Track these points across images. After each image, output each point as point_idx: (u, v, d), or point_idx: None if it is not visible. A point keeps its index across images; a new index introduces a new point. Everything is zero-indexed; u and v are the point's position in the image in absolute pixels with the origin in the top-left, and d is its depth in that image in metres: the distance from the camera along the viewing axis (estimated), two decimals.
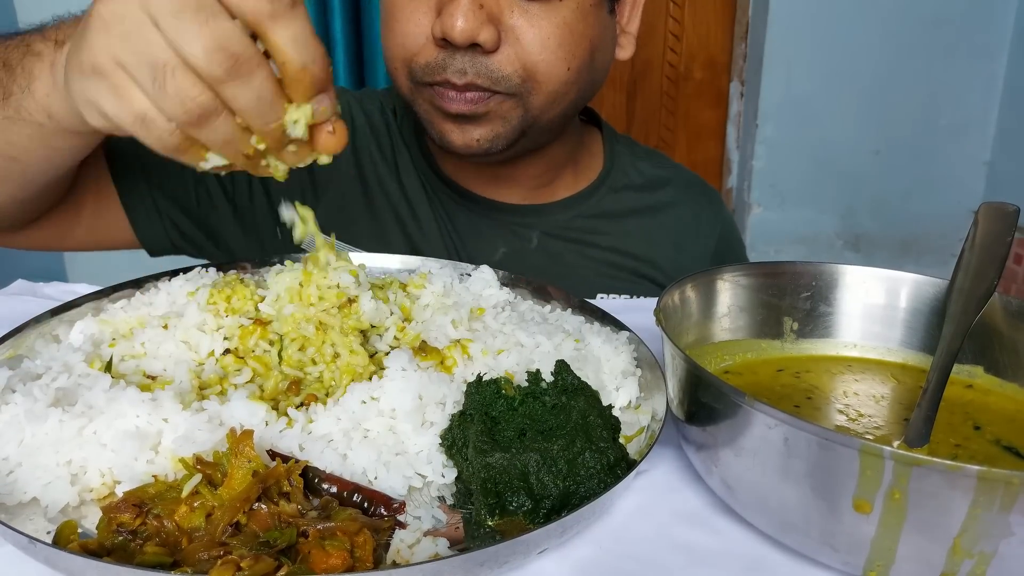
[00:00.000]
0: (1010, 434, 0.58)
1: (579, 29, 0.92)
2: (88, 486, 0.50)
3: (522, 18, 0.89)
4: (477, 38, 0.85)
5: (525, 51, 0.89)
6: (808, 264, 0.71)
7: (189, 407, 0.54)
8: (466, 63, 0.88)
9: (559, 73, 0.92)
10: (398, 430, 0.55)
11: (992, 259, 0.64)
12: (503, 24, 0.88)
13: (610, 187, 1.15)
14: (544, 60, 0.90)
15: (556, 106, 0.96)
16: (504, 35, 0.88)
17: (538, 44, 0.89)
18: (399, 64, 0.93)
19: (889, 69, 2.92)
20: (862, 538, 0.45)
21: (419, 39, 0.90)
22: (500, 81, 0.89)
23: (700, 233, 1.18)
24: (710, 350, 0.68)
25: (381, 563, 0.46)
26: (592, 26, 0.94)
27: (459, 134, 0.93)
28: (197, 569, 0.43)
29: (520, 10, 0.89)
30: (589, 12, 0.93)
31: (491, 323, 0.67)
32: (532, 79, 0.91)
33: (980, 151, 3.05)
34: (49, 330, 0.67)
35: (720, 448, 0.51)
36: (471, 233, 1.08)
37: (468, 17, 0.84)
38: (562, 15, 0.90)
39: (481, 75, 0.88)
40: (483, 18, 0.85)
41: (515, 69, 0.89)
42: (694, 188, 1.22)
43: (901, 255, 3.12)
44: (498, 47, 0.88)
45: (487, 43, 0.86)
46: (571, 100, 0.97)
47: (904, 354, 0.70)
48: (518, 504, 0.51)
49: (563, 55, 0.91)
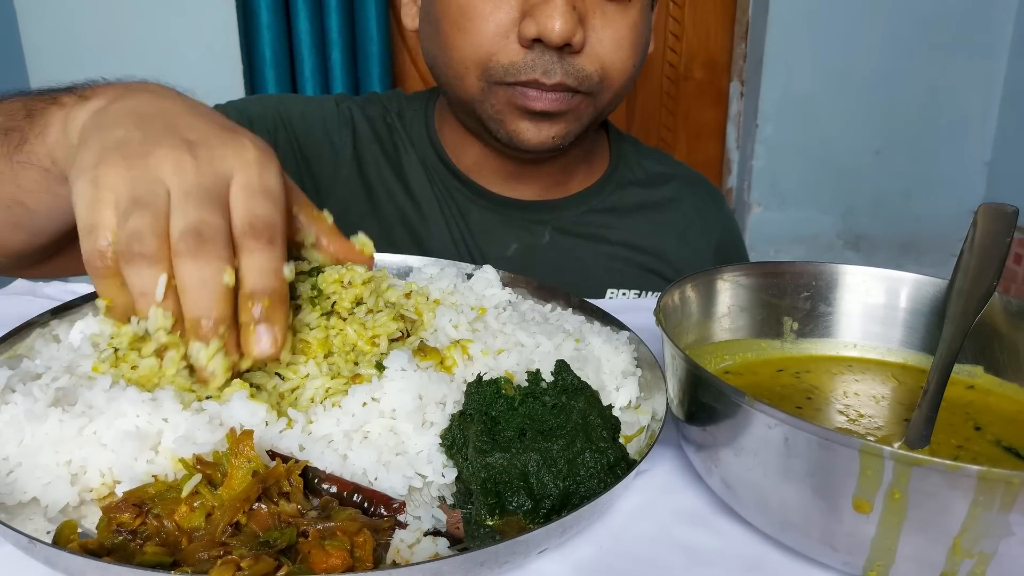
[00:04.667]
0: (1010, 435, 0.58)
1: (641, 28, 0.98)
2: (88, 486, 0.50)
3: (602, 19, 0.93)
4: (573, 39, 0.89)
5: (605, 50, 0.94)
6: (808, 264, 0.71)
7: (189, 407, 0.53)
8: (556, 63, 0.91)
9: (627, 70, 0.97)
10: (398, 430, 0.55)
11: (992, 259, 0.64)
12: (587, 25, 0.92)
13: (617, 183, 1.17)
14: (619, 59, 0.95)
15: (617, 102, 1.02)
16: (587, 36, 0.92)
17: (614, 44, 0.94)
18: (472, 64, 0.94)
19: (889, 69, 2.92)
20: (862, 538, 0.45)
21: (499, 39, 0.92)
22: (584, 81, 0.93)
23: (704, 229, 1.20)
24: (710, 350, 0.68)
25: (381, 563, 0.46)
26: (648, 25, 1.01)
27: (535, 132, 0.96)
28: (197, 569, 0.43)
29: (600, 11, 0.93)
30: (646, 12, 1.00)
31: (492, 323, 0.67)
32: (607, 78, 0.95)
33: (980, 151, 3.05)
34: (49, 330, 0.67)
35: (720, 448, 0.51)
36: (483, 230, 1.09)
37: (567, 19, 0.87)
38: (632, 15, 0.96)
39: (569, 75, 0.92)
40: (576, 19, 0.89)
41: (596, 68, 0.94)
42: (697, 185, 1.25)
43: (901, 255, 3.13)
44: (583, 49, 0.92)
45: (579, 44, 0.90)
46: (624, 95, 1.03)
47: (904, 354, 0.70)
48: (518, 504, 0.51)
49: (631, 53, 0.97)
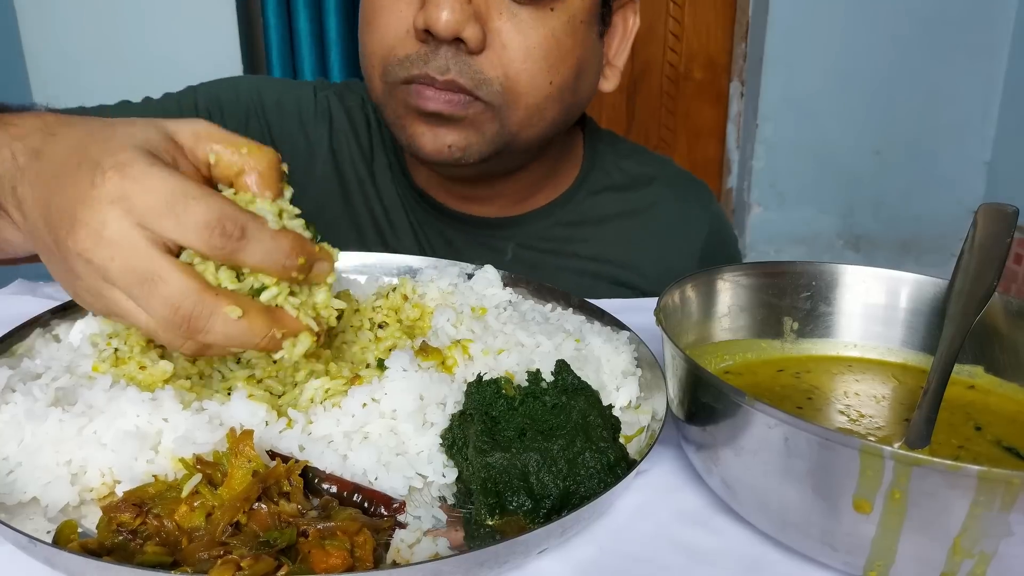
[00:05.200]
0: (1011, 435, 0.58)
1: (567, 44, 0.88)
2: (88, 486, 0.50)
3: (510, 22, 0.84)
4: (462, 33, 0.81)
5: (510, 57, 0.85)
6: (808, 264, 0.71)
7: (189, 407, 0.54)
8: (449, 59, 0.83)
9: (541, 86, 0.87)
10: (399, 430, 0.55)
11: (992, 260, 0.64)
12: (490, 26, 0.84)
13: (589, 190, 1.10)
14: (527, 70, 0.86)
15: (535, 124, 0.91)
16: (490, 37, 0.84)
17: (523, 52, 0.85)
18: (377, 62, 0.89)
19: (889, 69, 2.92)
20: (862, 538, 0.45)
21: (399, 32, 0.85)
22: (482, 85, 0.85)
23: (688, 232, 1.14)
24: (710, 350, 0.68)
25: (381, 563, 0.46)
26: (581, 44, 0.90)
27: (431, 137, 0.88)
28: (197, 569, 0.43)
29: (509, 14, 0.84)
30: (579, 29, 0.89)
31: (492, 323, 0.67)
32: (513, 90, 0.86)
33: (980, 151, 3.06)
34: (49, 330, 0.67)
35: (720, 448, 0.51)
36: (443, 245, 1.05)
37: (455, 8, 0.80)
38: (551, 26, 0.86)
39: (464, 74, 0.84)
40: (469, 13, 0.81)
41: (497, 75, 0.85)
42: (681, 185, 1.17)
43: (901, 255, 3.13)
44: (483, 48, 0.84)
45: (471, 40, 0.82)
46: (550, 119, 0.92)
47: (905, 354, 0.70)
48: (518, 504, 0.51)
49: (547, 67, 0.87)
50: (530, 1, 0.84)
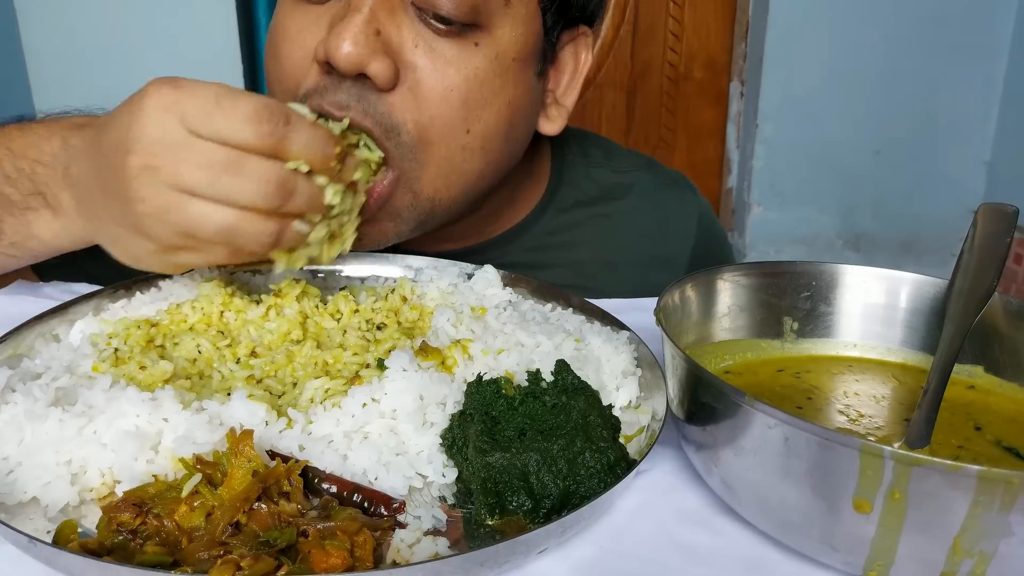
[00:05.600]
0: (1011, 435, 0.58)
1: (493, 85, 0.75)
2: (88, 486, 0.50)
3: (426, 57, 0.72)
4: (366, 68, 0.70)
5: (423, 97, 0.73)
6: (808, 264, 0.71)
7: (189, 407, 0.54)
8: (351, 95, 0.71)
9: (456, 135, 0.75)
10: (399, 430, 0.55)
11: (991, 260, 0.64)
12: (403, 60, 0.72)
13: (558, 208, 0.99)
14: (441, 115, 0.73)
15: (453, 182, 0.78)
16: (403, 74, 0.72)
17: (439, 92, 0.73)
18: (282, 97, 0.76)
19: (889, 69, 2.92)
20: (862, 538, 0.45)
21: (304, 62, 0.74)
22: (390, 132, 0.73)
23: (670, 241, 1.04)
24: (710, 350, 0.68)
25: (381, 563, 0.46)
26: (512, 85, 0.78)
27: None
28: (197, 569, 0.43)
29: (425, 47, 0.72)
30: (510, 68, 0.77)
31: (492, 323, 0.67)
32: (424, 138, 0.74)
33: (980, 151, 3.06)
34: (49, 330, 0.67)
35: (720, 448, 0.51)
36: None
37: (358, 40, 0.68)
38: (474, 64, 0.74)
39: (368, 114, 0.71)
40: (377, 47, 0.70)
41: (407, 119, 0.73)
42: (659, 193, 1.06)
43: (901, 255, 3.13)
44: (393, 87, 0.72)
45: (378, 77, 0.70)
46: (474, 174, 0.79)
47: (904, 354, 0.70)
48: (518, 504, 0.51)
49: (464, 113, 0.75)
50: (450, 33, 0.73)
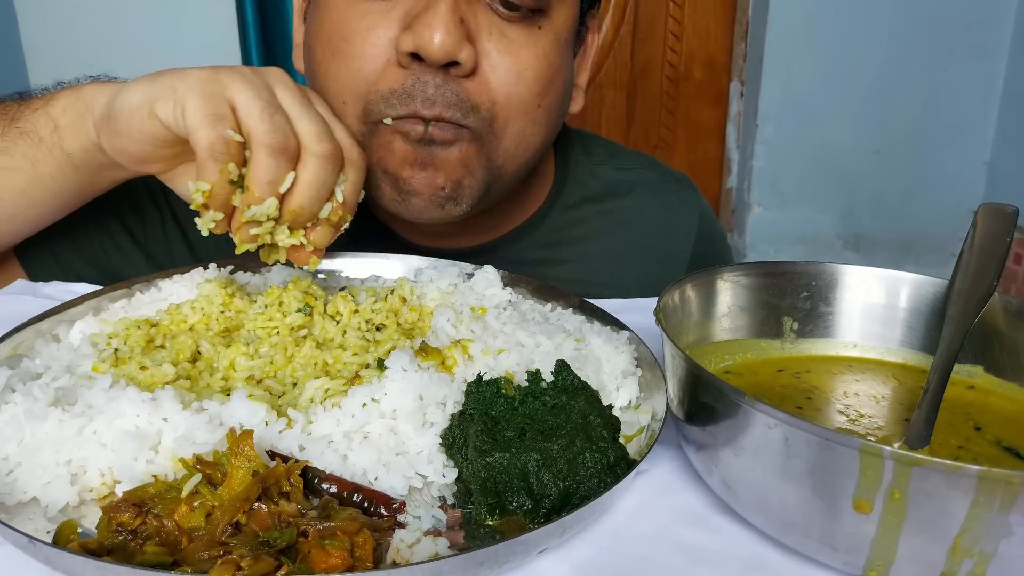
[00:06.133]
0: (1010, 435, 0.58)
1: (555, 64, 0.82)
2: (88, 486, 0.50)
3: (500, 43, 0.78)
4: (457, 56, 0.73)
5: (499, 80, 0.78)
6: (808, 264, 0.71)
7: (189, 407, 0.54)
8: (437, 90, 0.75)
9: (530, 110, 0.81)
10: (399, 430, 0.55)
11: (991, 260, 0.64)
12: (479, 46, 0.77)
13: (564, 205, 1.03)
14: (518, 93, 0.79)
15: (520, 154, 0.84)
16: (481, 59, 0.77)
17: (514, 73, 0.78)
18: (350, 97, 0.78)
19: (889, 69, 2.92)
20: (862, 538, 0.45)
21: (379, 62, 0.76)
22: (469, 112, 0.77)
23: (673, 238, 1.07)
24: (710, 350, 0.68)
25: (381, 563, 0.46)
26: (565, 64, 0.85)
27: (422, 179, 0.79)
28: (197, 569, 0.43)
29: (499, 33, 0.78)
30: (564, 49, 0.83)
31: (492, 323, 0.67)
32: (501, 116, 0.79)
33: (980, 151, 3.06)
34: (49, 330, 0.67)
35: (720, 448, 0.51)
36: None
37: (450, 29, 0.72)
38: (541, 45, 0.80)
39: (452, 105, 0.76)
40: (463, 34, 0.74)
41: (484, 100, 0.78)
42: (662, 191, 1.09)
43: (901, 255, 3.13)
44: (474, 72, 0.77)
45: (467, 63, 0.75)
46: (535, 147, 0.85)
47: (904, 354, 0.70)
48: (518, 504, 0.51)
49: (538, 89, 0.81)
50: (519, 19, 0.78)
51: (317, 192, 0.67)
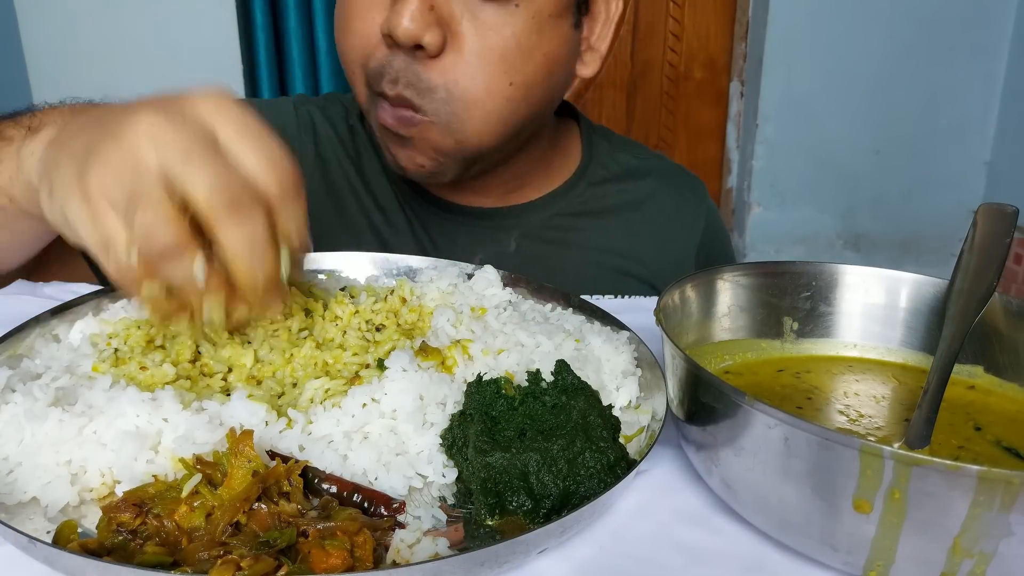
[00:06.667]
0: (1011, 435, 0.58)
1: (531, 41, 0.85)
2: (88, 486, 0.50)
3: (471, 24, 0.82)
4: (421, 39, 0.79)
5: (464, 62, 0.82)
6: (808, 264, 0.71)
7: (189, 407, 0.54)
8: (401, 69, 0.82)
9: (500, 89, 0.85)
10: (399, 431, 0.55)
11: (991, 260, 0.64)
12: (451, 30, 0.82)
13: (589, 181, 1.10)
14: (484, 73, 0.83)
15: (498, 130, 0.88)
16: (450, 42, 0.82)
17: (478, 55, 0.82)
18: (356, 68, 0.87)
19: (889, 69, 2.92)
20: (862, 538, 0.45)
21: (373, 38, 0.84)
22: (425, 94, 0.83)
23: (684, 224, 1.14)
24: (710, 350, 0.68)
25: (381, 563, 0.46)
26: (549, 39, 0.87)
27: (405, 156, 0.88)
28: (197, 569, 0.43)
29: (470, 15, 0.82)
30: (546, 24, 0.85)
31: (492, 323, 0.67)
32: (465, 97, 0.83)
33: (980, 151, 3.06)
34: (49, 330, 0.67)
35: (720, 448, 0.51)
36: (446, 241, 1.04)
37: (415, 16, 0.78)
38: (514, 24, 0.83)
39: (410, 86, 0.82)
40: (431, 20, 0.79)
41: (444, 82, 0.82)
42: (676, 178, 1.18)
43: (901, 255, 3.13)
44: (440, 53, 0.82)
45: (430, 46, 0.80)
46: (518, 120, 0.90)
47: (904, 354, 0.70)
48: (518, 504, 0.51)
49: (504, 68, 0.84)
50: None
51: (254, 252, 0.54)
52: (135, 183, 0.49)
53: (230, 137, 0.52)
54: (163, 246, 0.50)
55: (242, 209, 0.51)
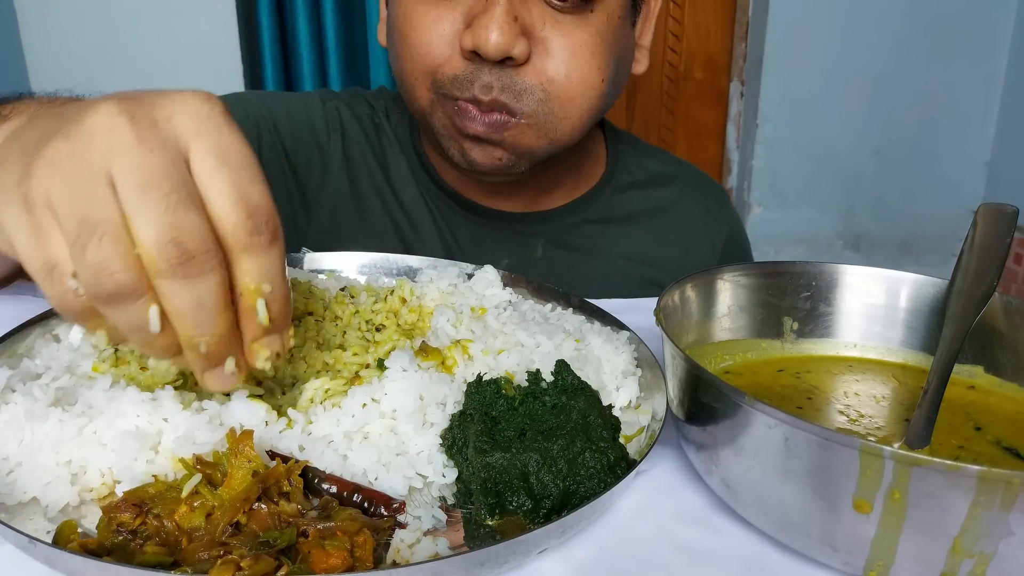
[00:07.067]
0: (1011, 435, 0.58)
1: (610, 39, 0.89)
2: (88, 486, 0.50)
3: (554, 30, 0.85)
4: (511, 52, 0.82)
5: (555, 63, 0.86)
6: (808, 264, 0.71)
7: (189, 407, 0.54)
8: (493, 78, 0.84)
9: (594, 84, 0.89)
10: (399, 431, 0.55)
11: (991, 260, 0.64)
12: (534, 36, 0.85)
13: (615, 188, 1.11)
14: (578, 69, 0.87)
15: (589, 122, 0.92)
16: (534, 47, 0.85)
17: (569, 52, 0.86)
18: (420, 75, 0.89)
19: (889, 69, 2.92)
20: (862, 538, 0.45)
21: (444, 49, 0.86)
22: (523, 95, 0.85)
23: (709, 231, 1.15)
24: (710, 350, 0.68)
25: (381, 563, 0.46)
26: (620, 38, 0.92)
27: (480, 151, 0.89)
28: (197, 569, 0.43)
29: (552, 22, 0.85)
30: (618, 24, 0.90)
31: (492, 323, 0.67)
32: (563, 94, 0.87)
33: (980, 151, 3.05)
34: (49, 330, 0.67)
35: (720, 448, 0.51)
36: (473, 244, 1.05)
37: (504, 30, 0.80)
38: (594, 25, 0.87)
39: (507, 90, 0.85)
40: (517, 31, 0.82)
41: (540, 81, 0.86)
42: (701, 185, 1.19)
43: (901, 255, 3.13)
44: (528, 60, 0.85)
45: (520, 56, 0.83)
46: (600, 113, 0.94)
47: (904, 354, 0.70)
48: (518, 504, 0.51)
49: (596, 64, 0.88)
50: (571, 8, 0.85)
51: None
52: (89, 204, 0.42)
53: (204, 166, 0.44)
54: (116, 289, 0.43)
55: (193, 266, 0.43)
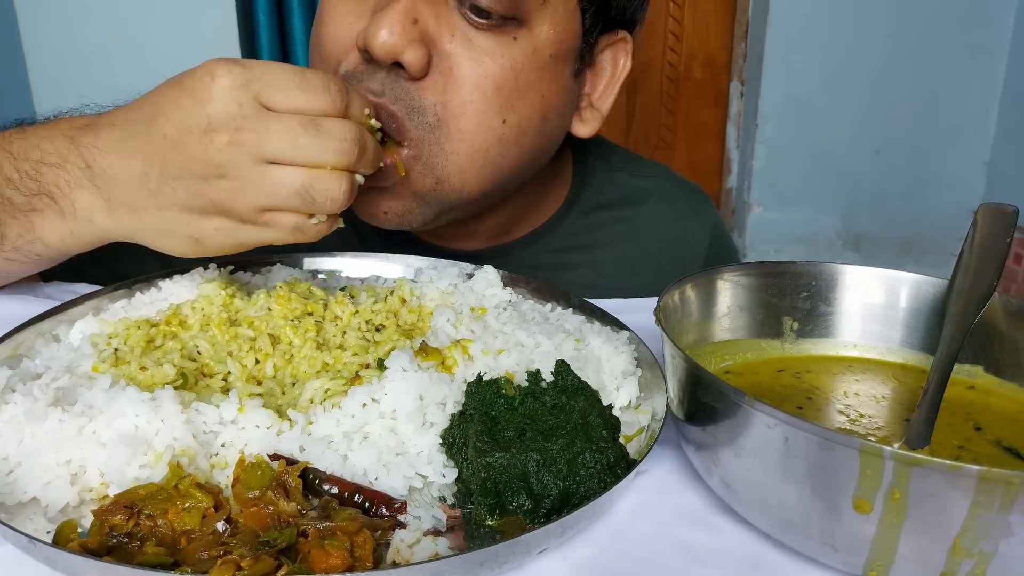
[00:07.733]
0: (1011, 435, 0.58)
1: (529, 79, 0.77)
2: (88, 486, 0.50)
3: (462, 47, 0.74)
4: (401, 57, 0.71)
5: (455, 85, 0.74)
6: (808, 264, 0.71)
7: (189, 408, 0.54)
8: (387, 84, 0.74)
9: (492, 123, 0.76)
10: (399, 431, 0.55)
11: (991, 260, 0.64)
12: (438, 49, 0.74)
13: (580, 210, 1.02)
14: (474, 103, 0.75)
15: (483, 174, 0.79)
16: (435, 61, 0.74)
17: (472, 81, 0.74)
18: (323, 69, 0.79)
19: (889, 69, 2.92)
20: (862, 538, 0.45)
21: (345, 45, 0.76)
22: (414, 113, 0.74)
23: (689, 245, 1.07)
24: (710, 350, 0.68)
25: (381, 563, 0.46)
26: (548, 82, 0.79)
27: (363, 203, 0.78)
28: (197, 569, 0.43)
29: (462, 37, 0.74)
30: (547, 65, 0.78)
31: (492, 323, 0.67)
32: (452, 125, 0.75)
33: (980, 151, 3.06)
34: (49, 330, 0.67)
35: (720, 448, 0.51)
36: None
37: (395, 30, 0.70)
38: (511, 55, 0.75)
39: (399, 99, 0.74)
40: (414, 35, 0.72)
41: (434, 101, 0.74)
42: (678, 198, 1.09)
43: (901, 255, 3.13)
44: (426, 74, 0.74)
45: (411, 65, 0.72)
46: (506, 167, 0.80)
47: (904, 354, 0.70)
48: (518, 504, 0.51)
49: (499, 101, 0.76)
50: (488, 27, 0.74)
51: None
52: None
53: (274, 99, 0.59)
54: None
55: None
